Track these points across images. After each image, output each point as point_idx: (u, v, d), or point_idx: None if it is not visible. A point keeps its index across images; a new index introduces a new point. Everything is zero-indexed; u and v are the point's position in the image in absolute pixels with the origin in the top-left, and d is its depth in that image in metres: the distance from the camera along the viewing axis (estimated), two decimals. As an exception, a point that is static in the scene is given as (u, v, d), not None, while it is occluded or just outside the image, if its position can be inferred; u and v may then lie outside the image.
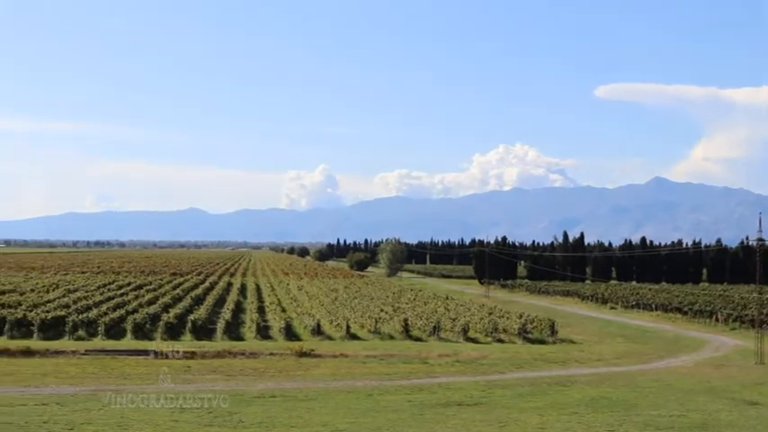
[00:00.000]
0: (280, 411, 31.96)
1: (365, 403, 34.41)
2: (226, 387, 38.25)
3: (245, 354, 50.96)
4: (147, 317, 62.97)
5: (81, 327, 58.55)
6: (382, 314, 70.64)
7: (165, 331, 58.66)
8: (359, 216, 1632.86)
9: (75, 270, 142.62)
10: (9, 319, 59.08)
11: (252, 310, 73.96)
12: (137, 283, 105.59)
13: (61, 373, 42.76)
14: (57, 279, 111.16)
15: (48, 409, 31.49)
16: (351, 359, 50.43)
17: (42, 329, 57.88)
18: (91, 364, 46.15)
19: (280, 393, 36.47)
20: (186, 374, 42.76)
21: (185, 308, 71.15)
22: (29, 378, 40.55)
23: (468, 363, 49.70)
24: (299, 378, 42.38)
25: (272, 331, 62.64)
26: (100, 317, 61.97)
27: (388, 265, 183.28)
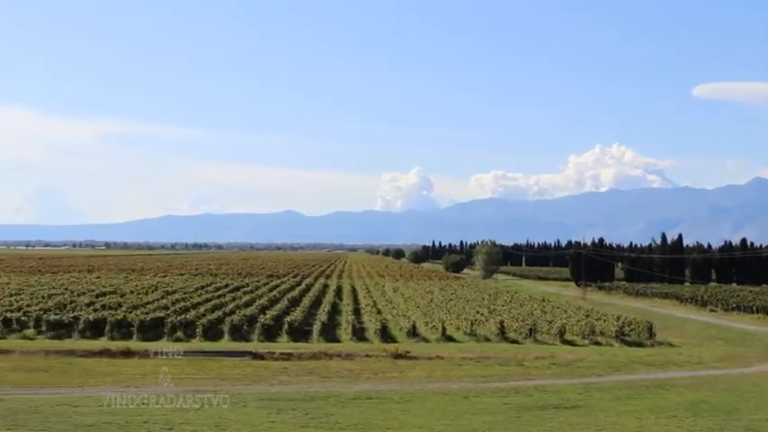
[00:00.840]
0: (375, 413, 31.99)
1: (461, 405, 34.30)
2: (322, 388, 38.42)
3: (340, 355, 51.09)
4: (245, 318, 63.50)
5: (179, 328, 59.28)
6: (478, 316, 70.33)
7: (262, 333, 59.09)
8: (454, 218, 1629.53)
9: (174, 272, 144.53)
10: (110, 321, 60.04)
11: (347, 311, 74.16)
12: (234, 285, 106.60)
13: (160, 373, 43.32)
14: (156, 281, 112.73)
15: (147, 408, 31.90)
16: (446, 361, 50.27)
17: (142, 330, 58.72)
18: (189, 364, 46.68)
19: (375, 395, 36.52)
20: (282, 376, 43.06)
21: (282, 310, 71.60)
22: (129, 378, 41.16)
23: (564, 365, 49.25)
24: (394, 380, 42.37)
25: (367, 333, 62.76)
26: (198, 318, 62.68)
27: (484, 267, 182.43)
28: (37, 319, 61.21)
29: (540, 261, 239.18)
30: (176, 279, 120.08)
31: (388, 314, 75.25)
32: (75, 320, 60.44)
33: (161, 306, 70.93)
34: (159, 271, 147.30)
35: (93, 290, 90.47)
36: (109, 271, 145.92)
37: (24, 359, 47.89)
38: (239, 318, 62.98)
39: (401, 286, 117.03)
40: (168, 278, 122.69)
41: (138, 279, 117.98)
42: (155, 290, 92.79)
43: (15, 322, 61.03)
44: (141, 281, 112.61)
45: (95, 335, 58.31)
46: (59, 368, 44.58)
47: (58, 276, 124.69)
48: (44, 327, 59.96)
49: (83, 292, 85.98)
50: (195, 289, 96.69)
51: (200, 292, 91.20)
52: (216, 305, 74.44)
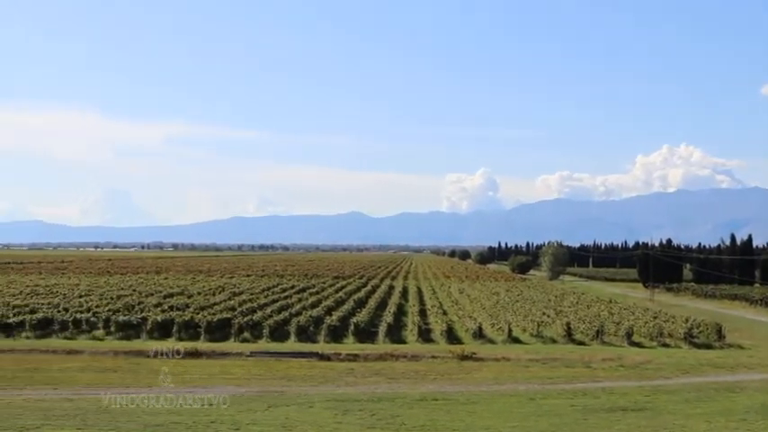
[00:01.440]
0: (442, 414, 31.90)
1: (528, 407, 34.09)
2: (388, 389, 38.41)
3: (406, 357, 51.05)
4: (311, 319, 63.70)
5: (246, 329, 59.61)
6: (544, 318, 69.92)
7: (328, 334, 59.24)
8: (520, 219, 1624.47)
9: (241, 273, 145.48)
10: (177, 321, 60.56)
11: (413, 313, 74.11)
12: (300, 286, 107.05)
13: (227, 374, 43.59)
14: (223, 282, 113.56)
15: (214, 409, 32.09)
16: (513, 363, 50.03)
17: (209, 331, 59.14)
18: (256, 365, 46.92)
19: (442, 396, 36.42)
20: (349, 377, 43.10)
21: (348, 311, 71.73)
22: (196, 379, 41.44)
23: (632, 367, 48.77)
24: (460, 381, 42.25)
25: (433, 334, 62.67)
26: (264, 319, 62.99)
27: (550, 269, 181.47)
28: (106, 320, 61.90)
29: (607, 262, 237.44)
30: (243, 280, 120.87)
31: (454, 315, 75.05)
32: (144, 321, 61.03)
33: (228, 307, 71.40)
34: (226, 272, 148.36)
35: (161, 291, 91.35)
36: (177, 272, 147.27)
37: (94, 359, 48.47)
38: (306, 319, 63.18)
39: (467, 287, 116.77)
40: (235, 279, 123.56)
41: (205, 280, 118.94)
42: (222, 291, 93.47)
43: (85, 323, 61.77)
44: (208, 282, 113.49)
45: (163, 335, 58.83)
46: (128, 368, 45.03)
47: (126, 277, 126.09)
48: (113, 327, 60.62)
49: (151, 294, 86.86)
50: (262, 290, 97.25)
51: (267, 294, 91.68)
52: (282, 306, 74.78)
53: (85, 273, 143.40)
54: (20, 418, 29.78)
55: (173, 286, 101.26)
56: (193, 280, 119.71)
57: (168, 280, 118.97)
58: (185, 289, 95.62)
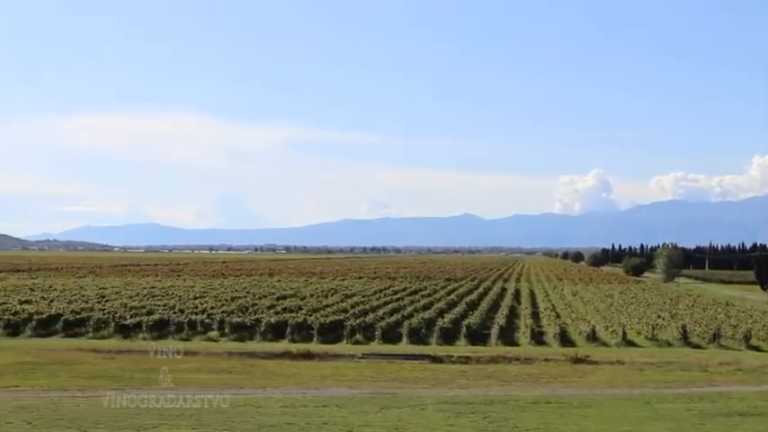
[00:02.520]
0: (555, 418, 31.58)
1: (642, 411, 33.55)
2: (501, 392, 38.18)
3: (519, 359, 50.76)
4: (423, 322, 63.67)
5: (358, 331, 59.86)
6: (659, 320, 68.88)
7: (440, 336, 59.17)
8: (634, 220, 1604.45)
9: (353, 275, 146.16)
10: (290, 323, 61.07)
11: (526, 315, 73.64)
12: (412, 289, 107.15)
13: (340, 375, 43.77)
14: (335, 284, 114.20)
15: (327, 410, 32.23)
16: (627, 366, 49.38)
17: (321, 333, 59.52)
18: (368, 367, 47.07)
19: (555, 399, 36.06)
20: (461, 379, 42.96)
21: (460, 313, 71.53)
22: (309, 380, 41.72)
23: (750, 371, 47.75)
24: (574, 384, 41.82)
25: (546, 337, 62.20)
26: (376, 321, 63.16)
27: (665, 271, 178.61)
28: (220, 322, 62.71)
29: (723, 264, 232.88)
30: (355, 282, 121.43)
31: (567, 318, 74.39)
32: (257, 323, 61.69)
33: (340, 309, 71.78)
34: (338, 274, 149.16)
35: (274, 293, 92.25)
36: (289, 274, 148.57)
37: (208, 360, 49.12)
38: (418, 321, 63.20)
39: (580, 290, 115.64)
40: (347, 281, 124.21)
41: (317, 282, 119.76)
42: (334, 293, 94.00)
43: (200, 324, 62.67)
44: (321, 284, 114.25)
45: (276, 337, 59.43)
46: (242, 369, 45.54)
47: (240, 280, 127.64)
48: (227, 329, 61.38)
49: (264, 296, 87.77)
50: (374, 292, 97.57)
51: (379, 296, 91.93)
52: (394, 308, 74.91)
53: (200, 275, 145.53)
54: (137, 417, 30.28)
55: (285, 288, 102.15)
56: (306, 282, 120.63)
57: (281, 282, 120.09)
58: (298, 291, 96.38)
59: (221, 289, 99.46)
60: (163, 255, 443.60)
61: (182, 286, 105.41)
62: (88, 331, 61.07)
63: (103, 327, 61.76)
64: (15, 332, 60.81)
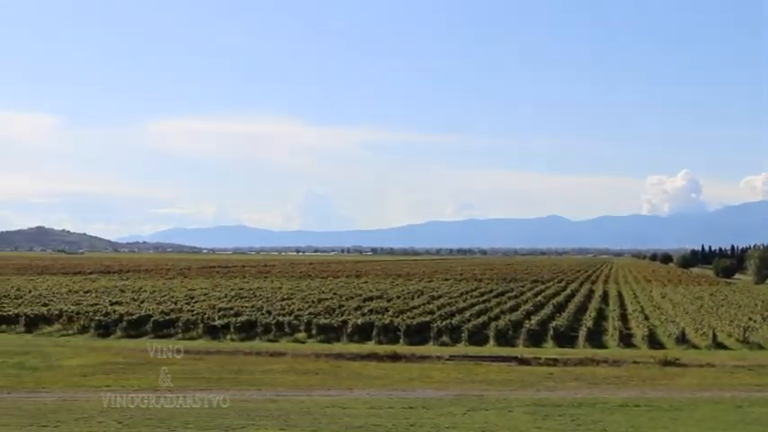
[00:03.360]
0: (644, 421, 31.22)
1: (733, 415, 33.00)
2: (589, 395, 37.84)
3: (607, 361, 50.23)
4: (510, 324, 63.35)
5: (445, 333, 59.74)
6: (751, 323, 67.67)
7: (528, 338, 58.84)
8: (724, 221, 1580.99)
9: (439, 277, 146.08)
10: (377, 325, 61.16)
11: (614, 317, 72.89)
12: (498, 290, 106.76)
13: (426, 377, 43.74)
14: (421, 286, 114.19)
15: (414, 412, 32.22)
16: (717, 369, 48.60)
17: (408, 335, 59.51)
18: (455, 369, 46.96)
19: (644, 402, 35.62)
20: (548, 381, 42.67)
21: (547, 315, 71.01)
22: (396, 382, 41.75)
23: None
24: (663, 387, 41.29)
25: (634, 339, 61.52)
26: (463, 323, 62.96)
27: (756, 273, 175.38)
28: (307, 323, 63.01)
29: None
30: (441, 284, 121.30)
31: (656, 320, 73.46)
32: (344, 324, 61.89)
33: (426, 311, 71.73)
34: (424, 276, 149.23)
35: (361, 294, 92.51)
36: (376, 276, 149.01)
37: (295, 361, 49.37)
38: (504, 323, 62.92)
39: (669, 291, 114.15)
40: (433, 283, 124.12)
41: (403, 284, 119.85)
42: (420, 295, 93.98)
43: (287, 326, 63.04)
44: (407, 286, 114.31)
45: (363, 339, 59.57)
46: (329, 371, 45.69)
47: (327, 281, 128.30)
48: (314, 330, 61.65)
49: (351, 297, 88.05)
50: (460, 294, 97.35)
51: (465, 297, 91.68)
52: (481, 310, 74.65)
53: (287, 277, 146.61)
54: (225, 418, 30.55)
55: (372, 290, 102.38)
56: (392, 284, 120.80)
57: (367, 284, 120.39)
58: (384, 293, 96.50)
59: (308, 290, 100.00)
60: (250, 257, 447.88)
61: (269, 288, 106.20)
62: (177, 332, 61.79)
63: (192, 328, 62.45)
64: (106, 333, 61.76)
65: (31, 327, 64.23)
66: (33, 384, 39.62)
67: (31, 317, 65.86)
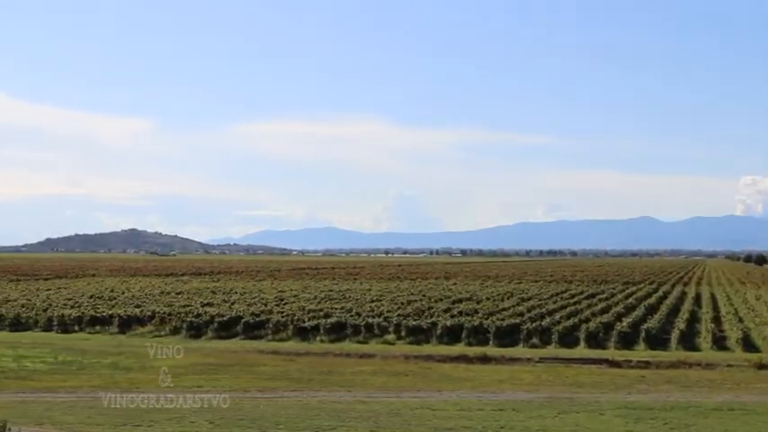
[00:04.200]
0: (738, 425, 30.75)
1: (831, 420, 32.35)
2: (681, 398, 37.35)
3: (700, 365, 49.51)
4: (600, 326, 62.76)
5: (535, 335, 59.39)
6: None
7: (618, 340, 58.23)
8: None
9: (528, 279, 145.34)
10: (466, 327, 61.00)
11: (707, 319, 71.89)
12: (589, 292, 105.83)
13: (516, 379, 43.55)
14: (511, 288, 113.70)
15: (504, 414, 32.12)
16: (816, 372, 47.65)
17: (498, 337, 59.27)
18: (545, 371, 46.67)
19: (738, 406, 35.06)
20: (640, 384, 42.20)
21: (638, 317, 70.21)
22: (486, 384, 41.64)
23: None
24: (757, 391, 40.55)
25: (728, 342, 60.56)
26: (553, 325, 62.53)
27: None
28: (397, 325, 63.07)
29: None
30: (531, 286, 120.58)
31: (751, 323, 72.20)
32: (433, 326, 61.83)
33: (516, 312, 71.38)
34: (514, 278, 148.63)
35: (450, 296, 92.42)
36: (465, 278, 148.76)
37: (385, 363, 49.48)
38: (595, 325, 62.36)
39: (764, 293, 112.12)
40: (523, 285, 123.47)
41: (493, 286, 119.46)
42: (510, 296, 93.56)
43: (377, 327, 63.17)
44: (496, 287, 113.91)
45: (452, 340, 59.45)
46: (418, 372, 45.71)
47: (416, 283, 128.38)
48: (403, 332, 61.69)
49: (440, 299, 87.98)
50: (550, 296, 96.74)
51: (555, 299, 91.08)
52: (571, 312, 74.07)
53: (376, 278, 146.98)
54: (316, 418, 30.76)
55: (461, 291, 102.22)
56: (482, 285, 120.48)
57: (457, 285, 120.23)
58: (474, 294, 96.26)
59: (397, 292, 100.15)
60: (340, 258, 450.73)
61: (358, 289, 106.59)
62: (267, 333, 62.27)
63: (282, 329, 62.87)
64: (198, 334, 62.52)
65: (124, 327, 65.34)
66: (127, 384, 40.23)
67: (124, 318, 67.02)
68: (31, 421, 29.17)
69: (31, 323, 68.05)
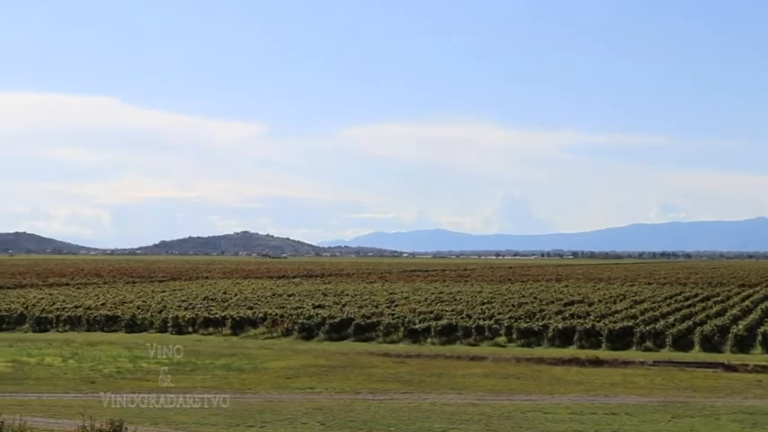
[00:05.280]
0: None
1: None
2: None
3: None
4: (715, 329, 61.61)
5: (648, 338, 58.57)
6: None
7: (734, 344, 57.15)
8: None
9: (641, 281, 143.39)
10: (578, 329, 60.45)
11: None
12: (704, 295, 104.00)
13: (629, 383, 43.05)
14: (623, 290, 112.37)
15: (617, 418, 31.79)
16: None
17: (610, 340, 58.60)
18: (659, 375, 46.06)
19: None
20: (757, 389, 41.40)
21: (755, 320, 68.75)
22: (598, 387, 41.26)
23: None
24: None
25: None
26: (667, 328, 61.60)
27: None
28: (508, 327, 62.78)
29: None
30: (644, 288, 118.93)
31: None
32: (545, 329, 61.42)
33: (629, 315, 70.46)
34: (627, 280, 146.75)
35: (562, 299, 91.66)
36: (576, 280, 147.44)
37: (496, 365, 49.36)
38: (710, 328, 61.23)
39: None
40: (636, 287, 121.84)
41: (605, 288, 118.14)
42: (623, 299, 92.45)
43: (487, 330, 62.97)
44: (609, 290, 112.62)
45: (564, 343, 58.95)
46: (530, 375, 45.48)
47: (527, 285, 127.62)
48: (514, 334, 61.41)
49: (551, 301, 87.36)
50: (664, 298, 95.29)
51: (669, 302, 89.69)
52: (685, 315, 72.84)
53: (487, 280, 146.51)
54: (427, 421, 30.81)
55: (573, 294, 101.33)
56: (594, 288, 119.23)
57: (568, 288, 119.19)
58: (586, 297, 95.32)
59: (508, 294, 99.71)
60: (450, 260, 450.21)
61: (469, 291, 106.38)
62: (378, 335, 62.54)
63: (393, 331, 63.04)
64: (309, 336, 63.06)
65: (236, 329, 66.21)
66: (239, 385, 40.80)
67: (236, 319, 67.90)
68: (147, 421, 29.74)
69: (146, 324, 69.41)
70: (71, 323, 70.23)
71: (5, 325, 70.37)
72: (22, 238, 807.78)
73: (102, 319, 70.21)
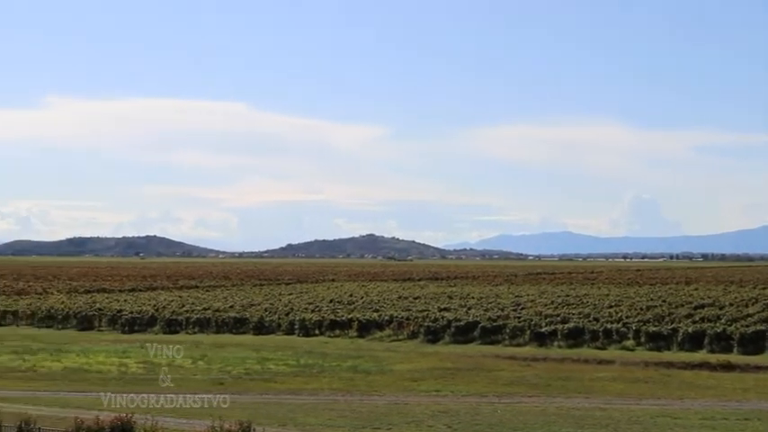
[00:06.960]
0: None
1: None
2: None
3: None
4: None
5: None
6: None
7: None
8: None
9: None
10: (709, 333, 59.31)
11: None
12: None
13: (762, 388, 42.07)
14: (756, 293, 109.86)
15: (749, 424, 31.16)
16: None
17: (742, 344, 57.35)
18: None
19: None
20: None
21: None
22: (729, 392, 40.44)
23: None
24: None
25: None
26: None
27: None
28: (636, 331, 61.93)
29: None
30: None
31: None
32: (674, 332, 60.42)
33: (762, 319, 68.89)
34: (759, 283, 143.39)
35: (691, 302, 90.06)
36: (707, 283, 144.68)
37: (624, 369, 48.70)
38: None
39: None
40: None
41: (736, 291, 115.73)
42: (755, 302, 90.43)
43: (615, 333, 62.23)
44: (740, 293, 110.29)
45: (693, 347, 57.91)
46: (658, 379, 44.80)
47: (655, 288, 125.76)
48: (643, 338, 60.51)
49: (681, 304, 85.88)
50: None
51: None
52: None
53: (614, 283, 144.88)
54: (554, 425, 30.59)
55: (703, 297, 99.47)
56: (724, 291, 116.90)
57: (698, 291, 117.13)
58: (716, 300, 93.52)
59: (636, 297, 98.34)
60: (576, 263, 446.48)
61: (596, 294, 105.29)
62: (504, 338, 62.30)
63: (519, 334, 62.70)
64: (435, 338, 63.12)
65: (362, 332, 66.59)
66: (366, 388, 41.04)
67: (363, 322, 68.30)
68: (275, 422, 30.14)
69: (274, 326, 70.24)
70: (200, 325, 71.58)
71: (137, 327, 72.00)
72: (152, 242, 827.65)
73: (230, 322, 71.40)
